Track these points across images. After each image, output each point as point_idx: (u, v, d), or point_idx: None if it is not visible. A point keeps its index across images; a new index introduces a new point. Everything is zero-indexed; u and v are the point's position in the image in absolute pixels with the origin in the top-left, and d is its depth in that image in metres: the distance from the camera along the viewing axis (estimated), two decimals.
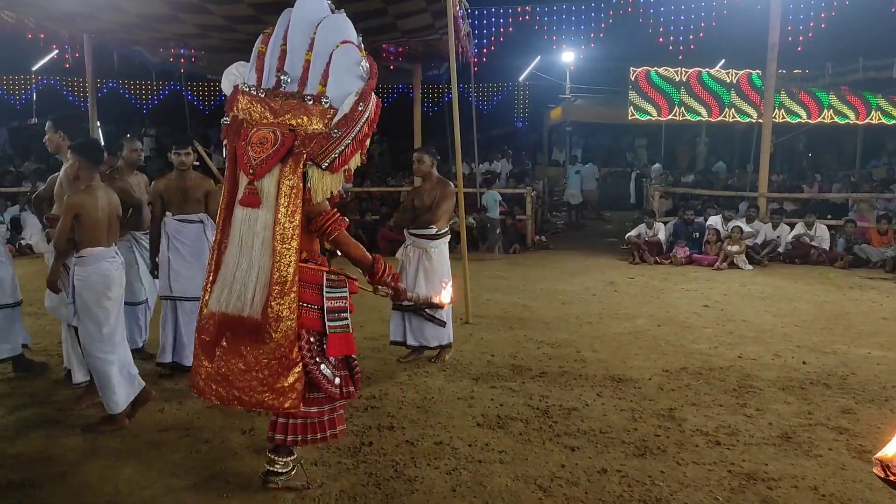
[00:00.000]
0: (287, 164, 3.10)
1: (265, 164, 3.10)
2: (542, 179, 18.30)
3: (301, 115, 3.15)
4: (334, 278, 3.33)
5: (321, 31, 3.20)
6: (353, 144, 3.16)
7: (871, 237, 11.63)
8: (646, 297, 8.55)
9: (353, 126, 3.14)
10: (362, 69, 3.18)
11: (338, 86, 3.16)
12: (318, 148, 3.11)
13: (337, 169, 3.16)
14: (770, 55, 12.63)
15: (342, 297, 3.34)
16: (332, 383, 3.28)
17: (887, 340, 6.42)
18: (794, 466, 3.68)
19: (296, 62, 3.21)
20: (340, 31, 3.24)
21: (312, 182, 3.13)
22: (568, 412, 4.45)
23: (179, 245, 5.20)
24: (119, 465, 3.65)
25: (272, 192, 3.12)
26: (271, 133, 3.12)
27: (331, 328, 3.27)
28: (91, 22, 9.88)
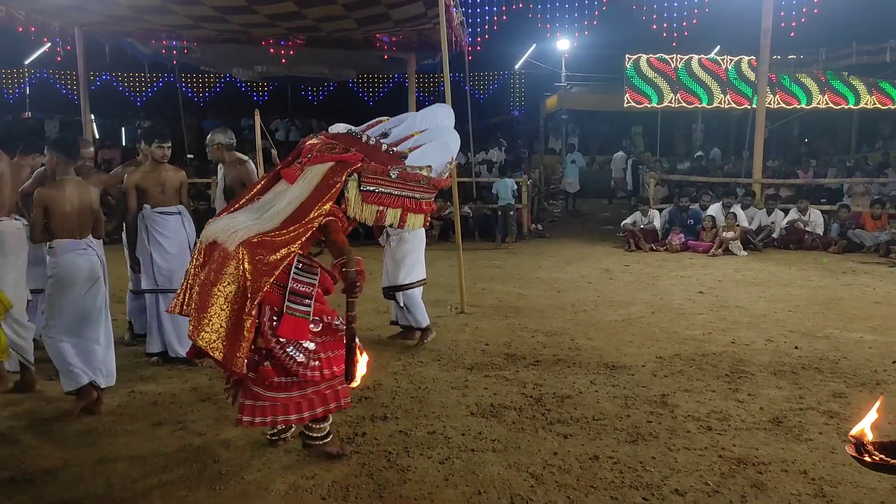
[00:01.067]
0: (338, 165, 3.44)
1: (322, 156, 3.48)
2: (538, 168, 18.29)
3: (374, 155, 3.59)
4: (306, 262, 3.41)
5: (438, 127, 3.88)
6: (397, 199, 3.53)
7: (865, 222, 11.65)
8: (641, 284, 8.57)
9: (407, 185, 3.54)
10: (444, 168, 3.74)
11: (420, 156, 3.65)
12: (370, 171, 3.48)
13: (370, 200, 3.48)
14: (763, 41, 12.62)
15: (309, 283, 3.39)
16: (308, 367, 3.35)
17: (879, 324, 6.44)
18: (784, 450, 3.70)
19: (404, 130, 3.82)
20: (452, 141, 3.92)
21: (349, 194, 3.45)
22: (561, 400, 4.47)
23: (160, 238, 5.22)
24: (112, 459, 3.66)
25: (316, 177, 3.42)
26: (343, 149, 3.54)
27: (288, 308, 3.32)
28: (82, 14, 9.84)
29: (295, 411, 3.44)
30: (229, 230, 3.31)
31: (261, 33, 11.10)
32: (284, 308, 3.32)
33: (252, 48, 12.43)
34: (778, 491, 3.27)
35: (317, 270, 3.44)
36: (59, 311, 4.28)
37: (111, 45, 12.88)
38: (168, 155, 5.25)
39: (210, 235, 3.37)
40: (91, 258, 4.34)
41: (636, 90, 19.66)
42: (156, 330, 5.26)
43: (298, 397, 3.42)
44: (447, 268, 8.76)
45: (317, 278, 3.43)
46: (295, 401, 3.42)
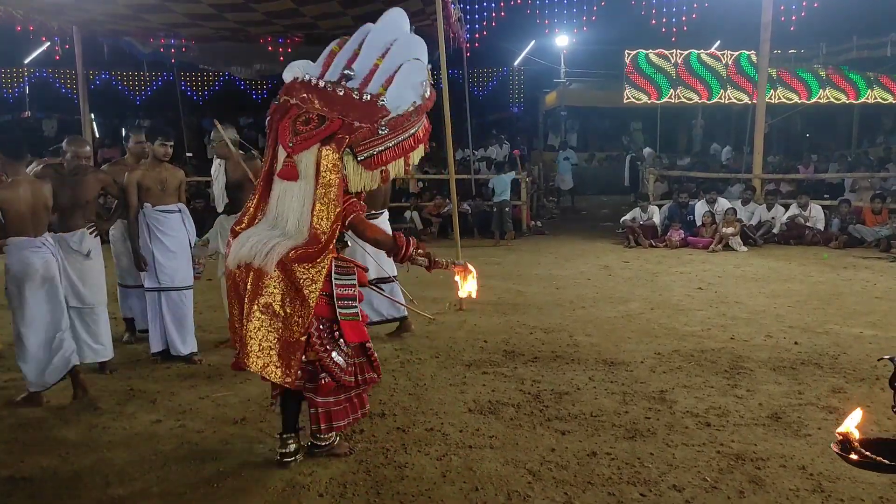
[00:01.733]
0: (328, 146, 3.19)
1: (305, 140, 3.20)
2: (537, 165, 18.27)
3: (352, 110, 3.25)
4: (343, 265, 3.37)
5: (399, 44, 3.37)
6: (396, 149, 3.27)
7: (866, 217, 11.63)
8: (640, 280, 8.56)
9: (400, 131, 3.26)
10: (424, 88, 3.33)
11: (398, 92, 3.28)
12: (360, 137, 3.20)
13: (373, 166, 3.25)
14: (763, 35, 12.59)
15: (351, 285, 3.38)
16: (347, 372, 3.36)
17: (879, 320, 6.43)
18: (782, 446, 3.70)
19: (366, 63, 3.36)
20: (417, 50, 3.41)
21: (347, 171, 3.24)
22: (559, 396, 4.47)
23: (162, 236, 5.23)
24: (110, 456, 3.66)
25: (311, 167, 3.20)
26: (317, 116, 3.24)
27: (342, 315, 3.32)
28: (79, 13, 9.83)
29: (343, 417, 3.48)
30: (263, 251, 3.17)
31: (258, 31, 11.08)
32: (338, 315, 3.31)
33: (250, 46, 12.41)
34: (776, 486, 3.27)
35: (353, 269, 3.42)
36: (20, 308, 4.35)
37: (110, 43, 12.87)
38: (170, 153, 5.28)
39: (243, 258, 3.23)
40: (46, 256, 4.40)
41: (635, 86, 19.63)
42: (158, 328, 5.27)
43: (344, 400, 3.46)
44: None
45: (355, 277, 3.42)
46: (342, 405, 3.46)
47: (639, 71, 19.69)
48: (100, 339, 4.96)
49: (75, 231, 4.83)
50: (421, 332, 6.09)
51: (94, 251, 4.90)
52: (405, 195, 14.08)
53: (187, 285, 5.36)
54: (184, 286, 5.33)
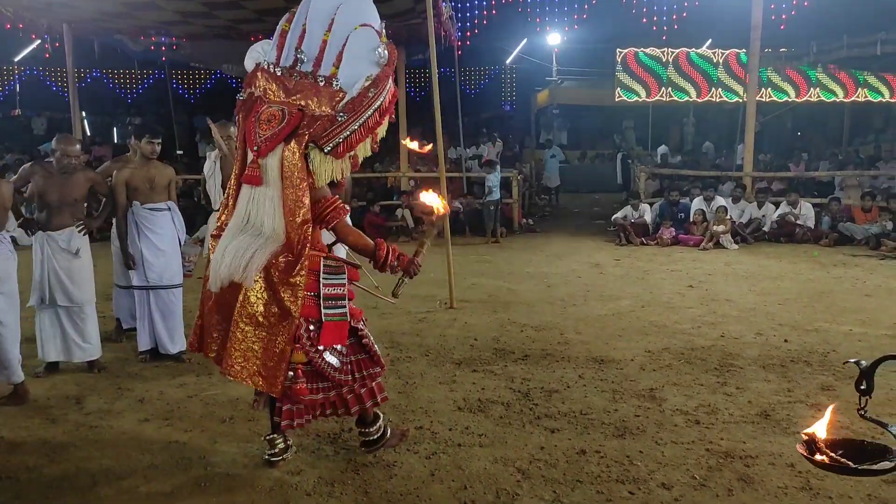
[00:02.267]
0: (290, 144, 3.04)
1: (270, 141, 3.05)
2: (528, 163, 18.28)
3: (311, 97, 3.08)
4: (332, 264, 3.29)
5: (341, 12, 3.13)
6: (361, 131, 3.06)
7: (856, 214, 11.67)
8: (631, 278, 8.57)
9: (361, 111, 3.04)
10: (378, 55, 3.09)
11: (350, 69, 3.08)
12: (321, 130, 3.03)
13: (341, 154, 3.07)
14: (754, 34, 12.62)
15: (340, 284, 3.30)
16: (343, 371, 3.28)
17: (869, 317, 6.45)
18: (771, 444, 3.70)
19: (313, 42, 3.15)
20: (361, 14, 3.17)
21: (314, 165, 3.06)
22: (549, 394, 4.46)
23: (150, 234, 5.21)
24: (97, 455, 3.63)
25: (276, 171, 3.06)
26: (279, 111, 3.07)
27: (326, 315, 3.22)
28: (69, 11, 9.79)
29: (330, 408, 3.40)
30: (241, 265, 3.05)
31: (249, 29, 11.06)
32: (323, 316, 3.21)
33: (241, 44, 12.36)
34: (765, 484, 3.27)
35: (343, 269, 3.34)
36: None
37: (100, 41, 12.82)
38: (157, 151, 5.25)
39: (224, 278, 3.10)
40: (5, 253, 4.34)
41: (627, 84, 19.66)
42: (147, 327, 5.25)
43: (335, 396, 3.35)
44: (437, 263, 8.72)
45: (345, 277, 3.33)
46: (331, 400, 3.36)
47: (630, 69, 19.73)
48: (88, 338, 4.94)
49: (64, 229, 4.80)
50: (411, 329, 6.09)
51: (82, 249, 4.88)
52: (396, 193, 14.07)
53: (176, 283, 5.34)
54: (172, 284, 5.31)
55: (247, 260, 3.05)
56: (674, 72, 19.72)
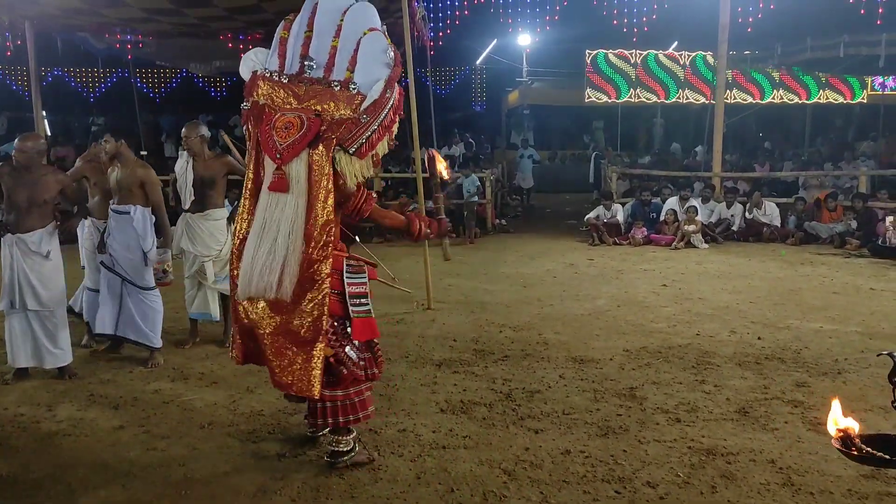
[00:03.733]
0: (316, 149, 3.12)
1: (292, 148, 3.11)
2: (500, 163, 18.31)
3: (327, 101, 3.15)
4: (354, 263, 3.42)
5: (349, 18, 3.23)
6: (380, 130, 3.18)
7: (821, 214, 11.90)
8: (605, 278, 8.63)
9: (380, 112, 3.16)
10: (388, 57, 3.19)
11: (366, 72, 3.17)
12: (346, 133, 3.12)
13: (364, 154, 3.18)
14: (721, 36, 12.80)
15: (362, 283, 3.43)
16: (358, 366, 3.39)
17: (838, 314, 6.58)
18: (751, 440, 3.75)
19: (322, 48, 3.24)
20: (368, 19, 3.26)
21: (342, 166, 3.16)
22: (531, 395, 4.47)
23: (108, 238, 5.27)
24: (72, 464, 3.54)
25: (303, 176, 3.13)
26: (297, 118, 3.14)
27: (354, 312, 3.36)
28: (32, 7, 9.53)
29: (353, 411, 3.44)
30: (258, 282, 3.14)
31: (219, 27, 10.88)
32: (351, 313, 3.34)
33: (209, 43, 12.21)
34: (747, 480, 3.31)
35: (364, 267, 3.47)
36: None
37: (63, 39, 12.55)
38: (108, 150, 5.16)
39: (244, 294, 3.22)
40: None
41: (596, 85, 19.83)
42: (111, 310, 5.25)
43: (354, 394, 3.44)
44: (413, 264, 8.71)
45: (366, 276, 3.46)
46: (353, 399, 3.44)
47: (599, 70, 19.91)
48: (58, 344, 4.81)
49: (34, 231, 4.67)
50: (390, 332, 6.04)
51: (53, 252, 4.75)
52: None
53: (144, 286, 5.23)
54: (143, 286, 5.20)
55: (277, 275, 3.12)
56: (642, 73, 19.96)
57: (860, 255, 10.09)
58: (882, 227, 10.29)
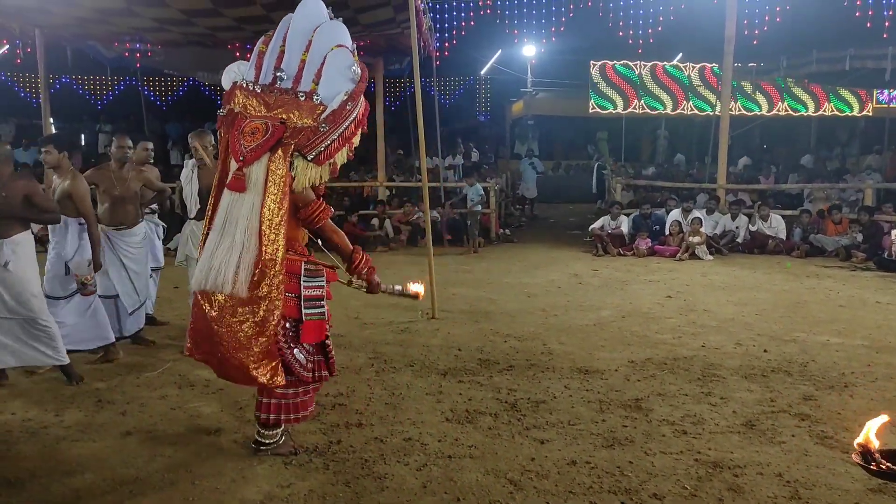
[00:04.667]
0: (276, 154, 3.31)
1: (255, 152, 3.32)
2: (504, 173, 18.35)
3: (293, 110, 3.35)
4: (312, 268, 3.55)
5: (318, 35, 3.43)
6: (339, 140, 3.38)
7: (826, 226, 11.90)
8: (610, 288, 8.63)
9: (340, 123, 3.35)
10: (353, 72, 3.40)
11: (329, 85, 3.38)
12: (305, 140, 3.32)
13: (322, 161, 3.37)
14: (727, 48, 12.83)
15: (319, 286, 3.57)
16: (306, 368, 3.53)
17: (844, 328, 6.57)
18: (758, 454, 3.74)
19: (292, 61, 3.43)
20: (336, 36, 3.46)
21: (297, 171, 3.35)
22: (536, 405, 4.47)
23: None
24: (80, 470, 3.54)
25: (261, 178, 3.32)
26: (263, 124, 3.35)
27: (307, 315, 3.49)
28: (43, 16, 9.63)
29: (294, 411, 3.62)
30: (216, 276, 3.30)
31: (227, 36, 10.97)
32: (304, 316, 3.48)
33: (217, 52, 12.27)
34: (755, 494, 3.30)
35: (322, 272, 3.59)
36: None
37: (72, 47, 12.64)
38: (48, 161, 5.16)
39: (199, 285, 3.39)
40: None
41: (601, 96, 19.88)
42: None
43: (303, 393, 3.62)
44: (417, 273, 8.72)
45: (323, 279, 3.59)
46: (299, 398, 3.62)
47: (604, 81, 19.96)
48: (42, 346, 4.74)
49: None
50: (394, 340, 6.06)
51: (14, 263, 4.60)
52: (373, 202, 14.04)
53: (53, 295, 5.18)
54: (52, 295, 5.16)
55: (217, 270, 3.31)
56: (647, 84, 20.01)
57: (866, 268, 10.08)
58: (888, 240, 10.29)
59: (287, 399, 3.59)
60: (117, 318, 5.70)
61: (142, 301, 5.85)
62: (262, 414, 3.61)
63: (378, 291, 3.83)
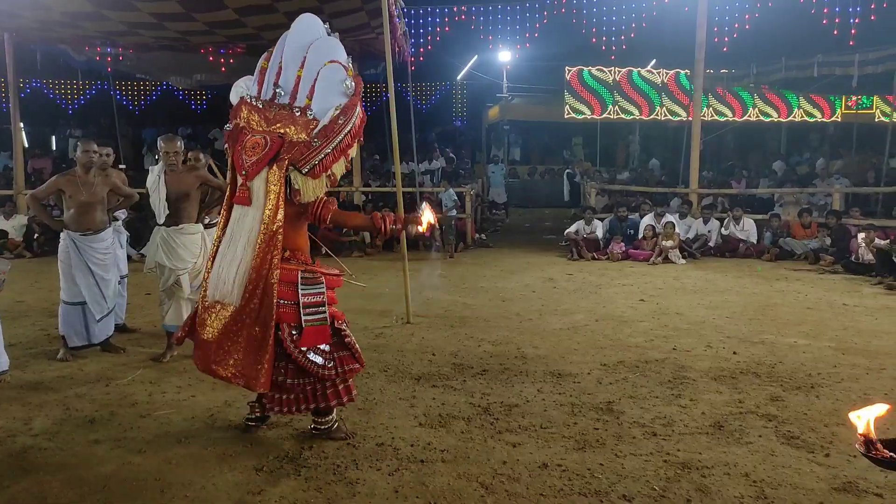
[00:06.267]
0: (273, 168, 3.51)
1: (256, 166, 3.52)
2: (480, 178, 18.42)
3: (290, 125, 3.54)
4: (309, 276, 3.70)
5: (312, 51, 3.60)
6: (334, 153, 3.56)
7: (795, 230, 12.09)
8: (584, 292, 8.69)
9: (333, 137, 3.52)
10: (346, 87, 3.56)
11: (322, 100, 3.55)
12: (298, 155, 3.50)
13: (318, 174, 3.56)
14: (698, 55, 13.02)
15: (318, 293, 3.71)
16: (325, 367, 3.71)
17: (812, 329, 6.68)
18: (726, 454, 3.80)
19: (289, 77, 3.61)
20: (330, 52, 3.62)
21: (299, 184, 3.56)
22: (509, 409, 4.49)
23: None
24: (47, 479, 3.50)
25: (261, 192, 3.53)
26: (262, 139, 3.54)
27: (306, 321, 3.66)
28: (12, 19, 9.52)
29: (313, 401, 3.80)
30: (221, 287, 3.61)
31: (200, 41, 10.91)
32: (303, 322, 3.64)
33: (190, 56, 12.22)
34: (721, 494, 3.35)
35: (321, 279, 3.73)
36: None
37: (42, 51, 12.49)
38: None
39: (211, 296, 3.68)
40: None
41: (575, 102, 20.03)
42: None
43: (317, 386, 3.78)
44: (392, 278, 8.73)
45: (323, 286, 3.73)
46: (311, 391, 3.78)
47: (579, 87, 20.11)
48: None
49: None
50: (368, 345, 6.05)
51: None
52: (350, 208, 14.01)
53: None
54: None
55: (224, 280, 3.60)
56: (621, 90, 20.20)
57: (834, 272, 10.25)
58: (855, 244, 10.48)
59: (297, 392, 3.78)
60: (85, 326, 5.63)
61: (110, 308, 5.78)
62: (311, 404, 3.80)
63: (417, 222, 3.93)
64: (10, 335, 5.83)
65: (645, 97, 20.34)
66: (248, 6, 8.50)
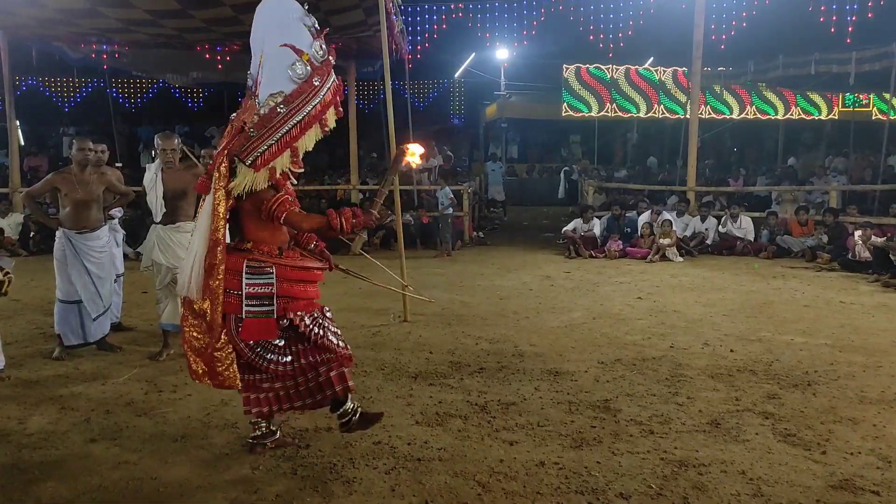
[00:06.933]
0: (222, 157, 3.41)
1: (217, 156, 3.44)
2: (478, 176, 18.41)
3: (251, 114, 3.39)
4: (255, 265, 3.46)
5: (268, 35, 3.39)
6: (277, 146, 3.30)
7: (792, 228, 12.10)
8: (581, 290, 8.69)
9: (274, 127, 3.28)
10: (294, 73, 3.29)
11: (267, 88, 3.34)
12: (237, 145, 3.35)
13: (258, 167, 3.32)
14: (695, 53, 13.02)
15: (265, 284, 3.45)
16: (278, 363, 3.49)
17: (809, 327, 6.68)
18: (723, 452, 3.79)
19: (255, 63, 3.46)
20: (283, 36, 3.35)
21: (238, 176, 3.37)
22: (506, 407, 4.48)
23: None
24: (42, 478, 3.49)
25: (215, 181, 3.41)
26: (230, 128, 3.49)
27: (248, 312, 3.43)
28: (6, 17, 9.48)
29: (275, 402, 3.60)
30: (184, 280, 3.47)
31: (196, 38, 10.89)
32: (244, 313, 3.42)
33: (186, 53, 12.18)
34: (718, 491, 3.34)
35: (269, 270, 3.47)
36: None
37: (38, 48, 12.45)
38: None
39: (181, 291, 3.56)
40: None
41: (573, 99, 20.03)
42: None
43: (279, 388, 3.58)
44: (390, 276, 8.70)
45: (272, 277, 3.46)
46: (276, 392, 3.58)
47: (577, 85, 20.12)
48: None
49: None
50: (365, 343, 6.04)
51: None
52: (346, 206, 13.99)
53: None
54: None
55: (188, 276, 3.44)
56: (619, 88, 20.21)
57: (831, 269, 10.25)
58: (852, 242, 10.48)
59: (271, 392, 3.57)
60: (81, 325, 5.62)
61: (106, 306, 5.77)
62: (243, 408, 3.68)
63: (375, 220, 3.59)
64: (5, 333, 5.83)
65: (644, 94, 20.35)
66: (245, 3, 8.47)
